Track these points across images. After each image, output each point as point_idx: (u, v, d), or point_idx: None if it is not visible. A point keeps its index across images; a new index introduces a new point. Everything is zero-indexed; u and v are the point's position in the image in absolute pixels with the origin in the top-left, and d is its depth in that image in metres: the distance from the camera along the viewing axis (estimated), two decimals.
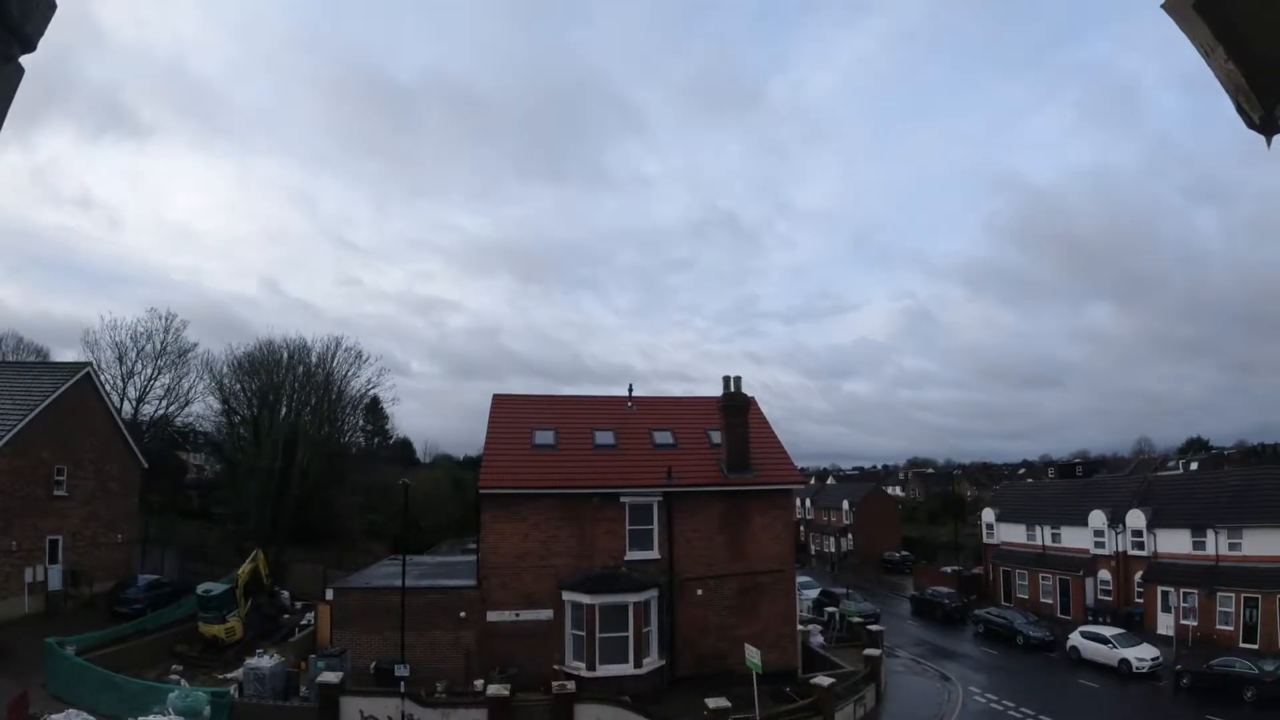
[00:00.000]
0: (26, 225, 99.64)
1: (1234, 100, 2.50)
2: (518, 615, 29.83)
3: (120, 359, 51.76)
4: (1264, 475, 46.80)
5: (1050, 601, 51.37)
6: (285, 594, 41.05)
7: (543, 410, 36.14)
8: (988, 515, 61.26)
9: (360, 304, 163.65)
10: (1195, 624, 40.61)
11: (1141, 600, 45.75)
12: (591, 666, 28.65)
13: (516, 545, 30.27)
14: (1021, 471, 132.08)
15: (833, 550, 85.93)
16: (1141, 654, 36.49)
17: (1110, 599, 47.93)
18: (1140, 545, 46.71)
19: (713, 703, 24.03)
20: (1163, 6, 2.49)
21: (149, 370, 53.03)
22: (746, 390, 34.30)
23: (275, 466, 48.69)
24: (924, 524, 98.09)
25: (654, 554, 31.20)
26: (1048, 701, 31.81)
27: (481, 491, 30.76)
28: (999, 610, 48.06)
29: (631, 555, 30.99)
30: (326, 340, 57.45)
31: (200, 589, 33.62)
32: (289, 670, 27.86)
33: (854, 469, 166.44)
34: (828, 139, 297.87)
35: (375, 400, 66.15)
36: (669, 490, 31.63)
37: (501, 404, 36.33)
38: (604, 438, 34.38)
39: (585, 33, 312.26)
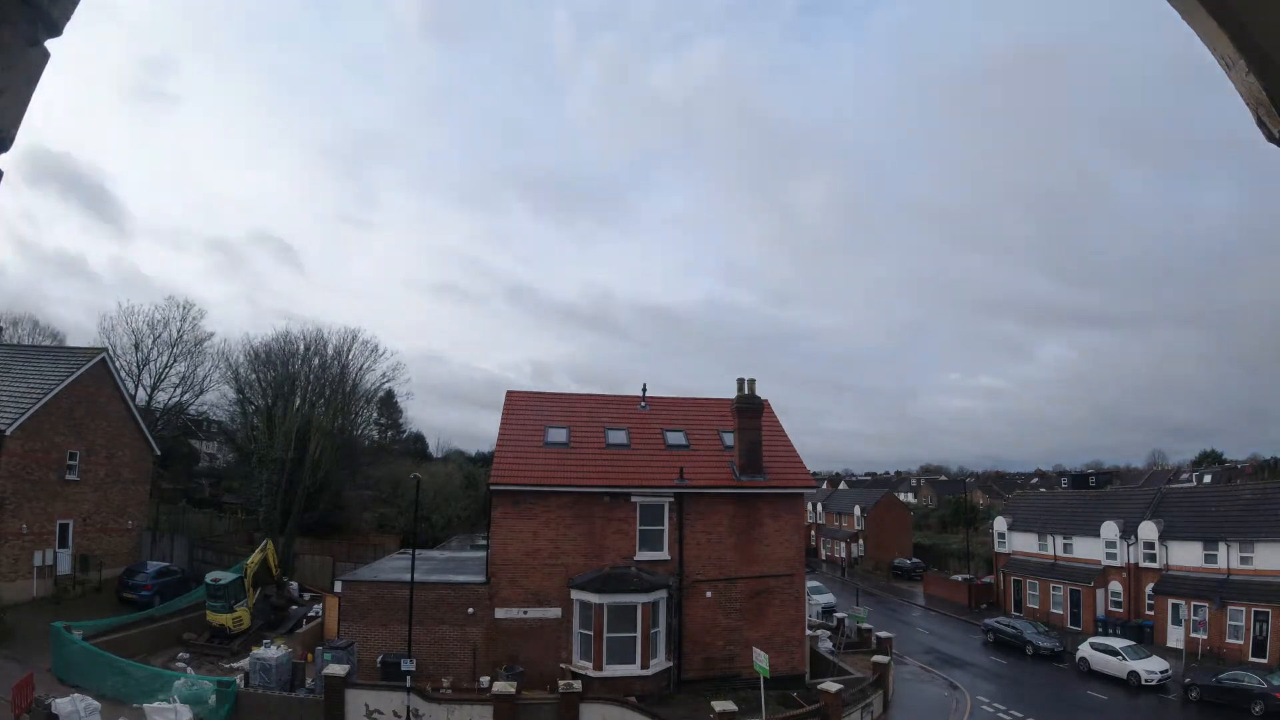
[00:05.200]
0: None
1: (1255, 114, 2.47)
2: (526, 613, 29.76)
3: (136, 346, 52.00)
4: (1276, 489, 46.22)
5: (1061, 612, 51.02)
6: (294, 585, 41.16)
7: (555, 408, 36.07)
8: (999, 524, 60.76)
9: None
10: (1205, 637, 40.31)
11: (1152, 612, 45.40)
12: (598, 666, 28.57)
13: (526, 543, 30.20)
14: (1034, 481, 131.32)
15: (843, 555, 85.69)
16: (1151, 666, 36.26)
17: (1121, 611, 47.54)
18: (1152, 557, 46.27)
19: (719, 706, 23.86)
20: (1183, 19, 2.50)
21: (164, 358, 53.25)
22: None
23: (287, 457, 48.81)
24: (935, 531, 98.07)
25: (664, 555, 31.06)
26: (1056, 712, 31.58)
27: (492, 488, 30.69)
28: (1009, 620, 47.77)
29: (641, 555, 30.84)
30: (343, 333, 57.44)
31: (209, 577, 33.69)
32: (295, 661, 27.90)
33: (866, 474, 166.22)
34: None
35: (389, 394, 66.33)
36: (680, 491, 31.49)
37: (515, 401, 36.29)
38: (616, 437, 34.28)
39: None
